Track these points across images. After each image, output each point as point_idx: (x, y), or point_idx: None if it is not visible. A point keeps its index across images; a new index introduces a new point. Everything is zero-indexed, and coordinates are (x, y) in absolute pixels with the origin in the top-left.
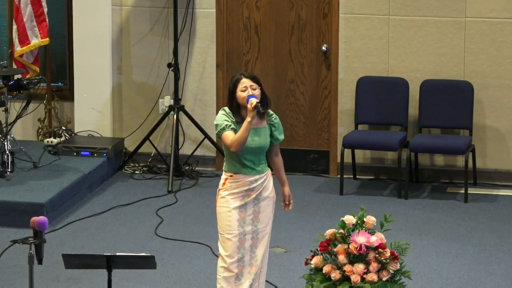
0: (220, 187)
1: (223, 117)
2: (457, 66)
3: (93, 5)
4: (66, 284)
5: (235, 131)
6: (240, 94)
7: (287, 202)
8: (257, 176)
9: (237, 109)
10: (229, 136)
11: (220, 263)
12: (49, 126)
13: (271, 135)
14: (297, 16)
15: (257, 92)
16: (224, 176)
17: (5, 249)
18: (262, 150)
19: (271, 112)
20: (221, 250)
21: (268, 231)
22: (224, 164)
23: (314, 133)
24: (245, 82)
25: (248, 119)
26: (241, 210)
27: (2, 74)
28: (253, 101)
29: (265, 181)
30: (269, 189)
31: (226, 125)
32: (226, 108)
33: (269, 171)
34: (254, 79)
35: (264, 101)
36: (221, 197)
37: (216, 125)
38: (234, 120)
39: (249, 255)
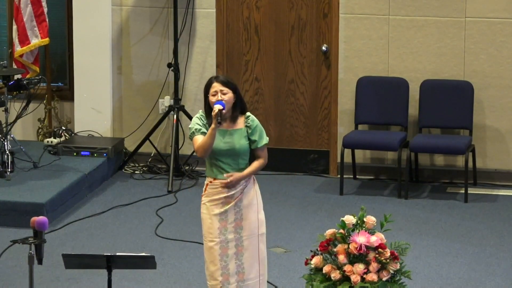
0: (202, 192)
1: (196, 120)
2: (457, 66)
3: (93, 5)
4: (66, 284)
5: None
6: (211, 99)
7: (227, 177)
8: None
9: (210, 113)
10: (197, 140)
11: (205, 270)
12: (49, 126)
13: (249, 139)
14: (297, 16)
15: (227, 97)
16: (205, 181)
17: (5, 249)
18: (238, 153)
19: (248, 114)
20: (205, 257)
21: (254, 238)
22: (206, 168)
23: (314, 133)
24: (215, 86)
25: (212, 125)
26: (222, 218)
27: (2, 74)
28: (216, 108)
29: (245, 187)
30: (250, 196)
31: (196, 129)
32: (201, 111)
33: (250, 178)
34: (226, 83)
35: (238, 106)
36: (203, 203)
37: (189, 129)
38: (206, 123)
39: (234, 263)
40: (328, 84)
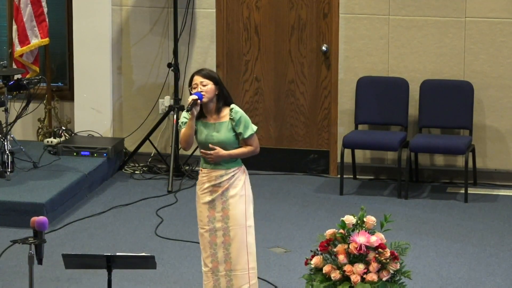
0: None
1: (184, 114)
2: (457, 66)
3: (93, 5)
4: (66, 284)
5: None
6: (191, 91)
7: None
8: (222, 172)
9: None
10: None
11: (201, 257)
12: (49, 126)
13: (234, 130)
14: (297, 16)
15: (207, 88)
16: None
17: (5, 249)
18: (224, 144)
19: (232, 106)
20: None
21: (241, 229)
22: None
23: (314, 133)
24: (196, 79)
25: (190, 116)
26: (210, 207)
27: (2, 74)
28: (190, 98)
29: (232, 178)
30: (238, 187)
31: (182, 122)
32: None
33: (239, 169)
34: (206, 75)
35: (221, 98)
36: (196, 191)
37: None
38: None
39: (222, 252)
40: (328, 84)
